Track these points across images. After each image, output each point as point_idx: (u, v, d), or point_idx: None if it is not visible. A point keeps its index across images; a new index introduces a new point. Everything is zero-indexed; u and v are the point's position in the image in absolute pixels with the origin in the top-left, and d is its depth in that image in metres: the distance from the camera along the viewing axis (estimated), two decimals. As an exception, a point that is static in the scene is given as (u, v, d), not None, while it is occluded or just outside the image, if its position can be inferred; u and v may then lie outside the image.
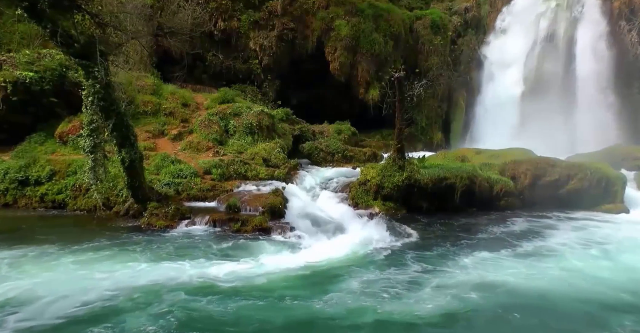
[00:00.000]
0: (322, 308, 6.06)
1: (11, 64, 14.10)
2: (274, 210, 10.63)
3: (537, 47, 22.33)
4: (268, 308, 6.03)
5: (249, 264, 7.75)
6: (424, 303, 6.21)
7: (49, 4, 8.35)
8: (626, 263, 8.17)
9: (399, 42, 22.43)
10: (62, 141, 14.04)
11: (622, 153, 16.16)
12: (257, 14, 21.30)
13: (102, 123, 9.65)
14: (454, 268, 7.74)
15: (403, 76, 12.29)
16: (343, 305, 6.11)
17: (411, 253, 8.59)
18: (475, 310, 6.10)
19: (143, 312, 5.82)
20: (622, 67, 20.84)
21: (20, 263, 7.50)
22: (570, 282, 7.18)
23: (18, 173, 12.30)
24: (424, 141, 22.97)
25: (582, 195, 12.92)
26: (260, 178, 13.18)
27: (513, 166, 13.52)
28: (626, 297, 6.64)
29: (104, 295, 6.28)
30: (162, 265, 7.57)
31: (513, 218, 11.81)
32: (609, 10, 21.41)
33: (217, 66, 21.21)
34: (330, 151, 17.31)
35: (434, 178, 12.24)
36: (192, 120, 16.13)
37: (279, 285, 6.87)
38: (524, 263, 8.07)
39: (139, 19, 14.91)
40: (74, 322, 5.54)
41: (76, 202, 11.84)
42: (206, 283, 6.82)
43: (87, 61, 9.17)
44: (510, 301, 6.40)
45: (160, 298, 6.19)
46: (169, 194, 11.64)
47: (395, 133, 12.73)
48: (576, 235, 10.08)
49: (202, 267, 7.49)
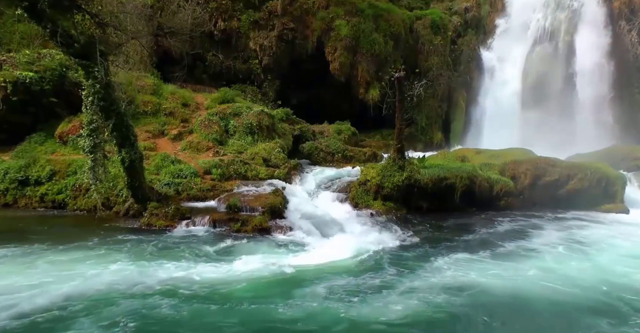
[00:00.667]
0: (288, 312, 5.92)
1: (11, 64, 14.10)
2: (274, 210, 10.63)
3: (537, 47, 22.32)
4: (224, 312, 5.91)
5: (237, 266, 7.65)
6: (395, 305, 6.20)
7: (49, 4, 8.35)
8: (615, 265, 8.14)
9: (399, 42, 22.43)
10: (62, 141, 14.03)
11: (622, 153, 16.16)
12: (257, 14, 21.29)
13: (102, 123, 9.64)
14: (443, 269, 7.73)
15: (403, 76, 12.29)
16: (307, 310, 6.00)
17: (408, 254, 8.61)
18: (453, 312, 6.09)
19: (82, 319, 5.56)
20: (622, 67, 20.83)
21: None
22: (546, 283, 7.15)
23: (18, 173, 12.29)
24: (424, 141, 22.95)
25: (582, 195, 12.92)
26: (260, 178, 13.17)
27: (513, 166, 13.52)
28: (604, 298, 6.62)
29: (55, 299, 6.04)
30: (143, 266, 7.46)
31: (512, 218, 11.82)
32: (609, 10, 21.41)
33: (217, 66, 21.20)
34: (330, 151, 17.31)
35: (434, 178, 12.24)
36: (192, 120, 16.12)
37: (257, 288, 6.74)
38: (510, 264, 8.08)
39: (139, 19, 14.90)
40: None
41: (76, 202, 11.84)
42: (180, 286, 6.68)
43: (87, 61, 9.17)
44: (492, 301, 6.45)
45: (115, 304, 5.98)
46: (169, 194, 11.64)
47: (395, 133, 12.73)
48: (573, 236, 10.11)
49: (187, 269, 7.41)
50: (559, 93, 21.29)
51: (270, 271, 7.43)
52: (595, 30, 21.20)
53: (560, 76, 21.57)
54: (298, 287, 6.76)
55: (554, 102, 20.99)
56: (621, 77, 20.78)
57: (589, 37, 21.13)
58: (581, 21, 21.55)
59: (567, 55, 21.53)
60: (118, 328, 5.43)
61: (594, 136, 19.11)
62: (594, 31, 21.19)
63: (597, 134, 19.33)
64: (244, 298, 6.34)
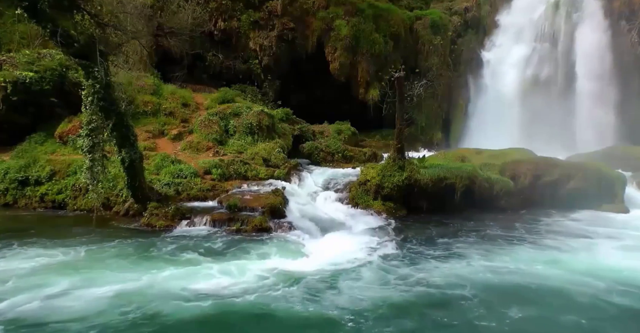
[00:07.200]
0: (288, 312, 5.88)
1: (11, 64, 14.10)
2: (274, 210, 10.63)
3: (537, 47, 22.32)
4: (224, 312, 5.87)
5: (237, 266, 7.60)
6: (394, 305, 6.18)
7: (49, 4, 8.34)
8: (615, 265, 8.11)
9: (399, 42, 22.43)
10: (62, 141, 14.03)
11: (622, 153, 16.16)
12: (257, 14, 21.28)
13: (102, 123, 9.62)
14: (443, 269, 7.71)
15: (403, 76, 12.29)
16: (307, 310, 5.97)
17: (409, 254, 8.60)
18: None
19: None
20: (622, 67, 20.82)
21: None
22: (546, 283, 7.13)
23: (18, 173, 12.29)
24: (424, 141, 22.93)
25: (582, 195, 12.89)
26: (260, 178, 13.17)
27: (513, 166, 13.51)
28: (604, 298, 6.60)
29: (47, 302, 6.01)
30: (143, 266, 7.41)
31: (512, 218, 11.81)
32: (609, 11, 21.40)
33: (217, 66, 21.18)
34: (330, 151, 17.30)
35: (434, 178, 12.23)
36: (192, 120, 16.11)
37: (257, 288, 6.70)
38: (510, 264, 8.03)
39: (139, 19, 14.90)
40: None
41: (76, 202, 11.83)
42: (180, 286, 6.63)
43: (87, 61, 9.16)
44: (492, 300, 6.48)
45: (114, 304, 5.90)
46: (169, 194, 11.63)
47: (395, 133, 12.72)
48: (573, 236, 10.07)
49: (186, 269, 7.35)
50: (559, 93, 21.29)
51: (270, 271, 7.41)
52: (595, 30, 21.18)
53: (561, 76, 21.57)
54: (298, 287, 6.76)
55: (554, 103, 20.98)
56: (621, 77, 20.77)
57: (589, 37, 21.11)
58: (581, 21, 21.55)
59: (567, 55, 21.53)
60: (118, 328, 5.43)
61: (594, 137, 19.11)
62: (594, 31, 21.17)
63: (597, 135, 19.32)
64: (244, 298, 6.33)
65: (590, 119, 20.09)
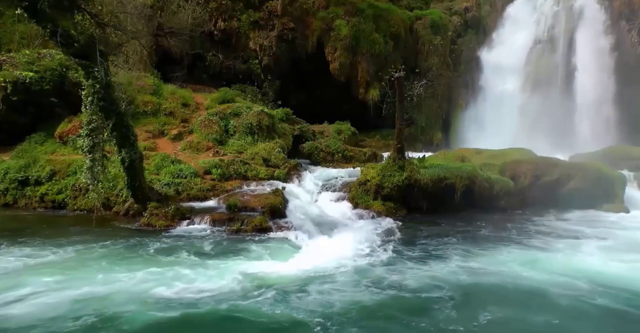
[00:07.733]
0: (288, 313, 5.83)
1: (11, 64, 14.10)
2: (274, 210, 10.63)
3: (537, 47, 22.32)
4: (223, 313, 5.80)
5: (237, 266, 7.55)
6: (395, 305, 6.17)
7: (49, 4, 8.35)
8: (615, 265, 8.07)
9: (399, 42, 22.43)
10: (62, 141, 14.03)
11: (622, 153, 16.14)
12: (257, 14, 21.29)
13: (102, 123, 9.63)
14: (443, 269, 7.68)
15: (403, 76, 12.29)
16: (307, 311, 5.92)
17: (409, 254, 8.59)
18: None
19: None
20: (622, 67, 20.82)
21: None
22: (546, 282, 7.09)
23: (18, 173, 12.29)
24: (424, 141, 22.94)
25: (582, 195, 12.89)
26: (260, 178, 13.17)
27: (513, 166, 13.51)
28: (603, 298, 6.55)
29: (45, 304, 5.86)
30: (142, 266, 7.34)
31: (512, 218, 11.82)
32: (609, 11, 21.40)
33: (217, 66, 21.19)
34: (330, 151, 17.29)
35: (434, 178, 12.23)
36: (192, 120, 16.12)
37: (256, 288, 6.65)
38: (510, 264, 8.01)
39: (139, 19, 14.91)
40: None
41: (76, 202, 11.84)
42: (179, 286, 6.56)
43: (87, 61, 9.17)
44: (491, 299, 6.49)
45: (112, 305, 5.82)
46: (169, 194, 11.63)
47: (395, 133, 12.73)
48: (572, 236, 10.05)
49: (186, 269, 7.29)
50: (559, 93, 21.28)
51: (270, 271, 7.40)
52: (596, 30, 21.19)
53: (561, 76, 21.57)
54: (298, 288, 6.75)
55: (554, 103, 20.96)
56: (621, 77, 20.77)
57: (589, 37, 21.12)
58: (581, 21, 21.55)
59: (567, 55, 21.52)
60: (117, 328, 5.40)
61: (594, 136, 19.09)
62: (594, 31, 21.17)
63: (597, 134, 19.31)
64: (244, 298, 6.32)
65: (590, 119, 20.08)
